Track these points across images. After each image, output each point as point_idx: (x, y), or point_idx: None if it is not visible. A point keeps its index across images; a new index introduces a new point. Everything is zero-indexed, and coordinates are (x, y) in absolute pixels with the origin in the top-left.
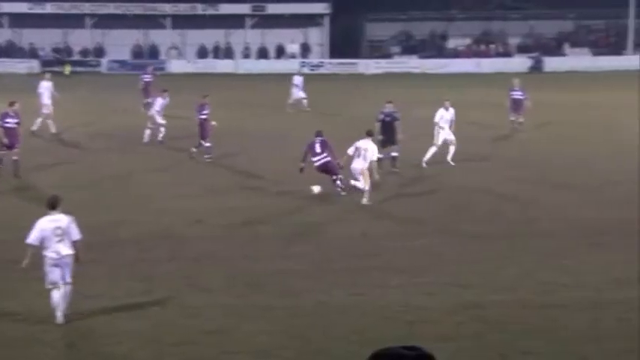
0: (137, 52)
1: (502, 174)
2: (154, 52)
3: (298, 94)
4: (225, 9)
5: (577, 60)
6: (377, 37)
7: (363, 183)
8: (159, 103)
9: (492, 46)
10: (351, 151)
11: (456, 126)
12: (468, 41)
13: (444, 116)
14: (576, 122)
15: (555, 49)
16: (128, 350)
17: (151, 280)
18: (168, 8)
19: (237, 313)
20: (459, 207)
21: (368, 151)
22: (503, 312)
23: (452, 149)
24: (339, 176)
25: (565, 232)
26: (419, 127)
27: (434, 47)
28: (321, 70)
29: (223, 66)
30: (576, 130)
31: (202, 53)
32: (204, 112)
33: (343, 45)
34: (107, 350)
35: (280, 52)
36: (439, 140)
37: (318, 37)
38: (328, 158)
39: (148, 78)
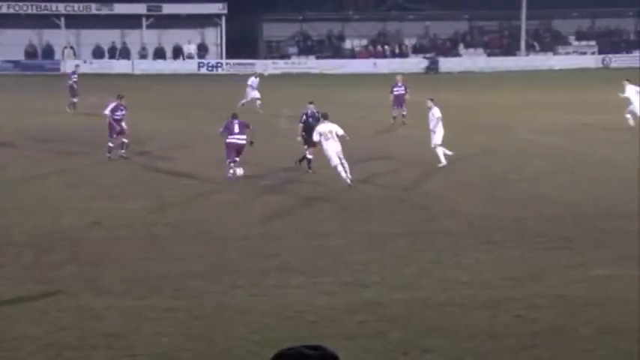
0: (31, 53)
1: (401, 174)
2: (48, 53)
3: (252, 94)
4: (121, 9)
5: (472, 61)
6: (274, 37)
7: (342, 169)
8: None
9: (388, 47)
10: (316, 137)
11: (349, 126)
12: (364, 42)
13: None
14: (471, 122)
15: (450, 50)
16: (27, 355)
17: (50, 283)
18: (62, 8)
19: (137, 316)
20: (357, 207)
21: (333, 131)
22: (404, 310)
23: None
24: (237, 162)
25: (463, 231)
26: None
27: (331, 48)
28: (219, 71)
29: (120, 66)
30: (470, 131)
31: (98, 53)
32: (119, 112)
33: (240, 45)
34: (5, 355)
35: (177, 53)
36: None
37: (215, 37)
38: (244, 141)
39: (75, 78)
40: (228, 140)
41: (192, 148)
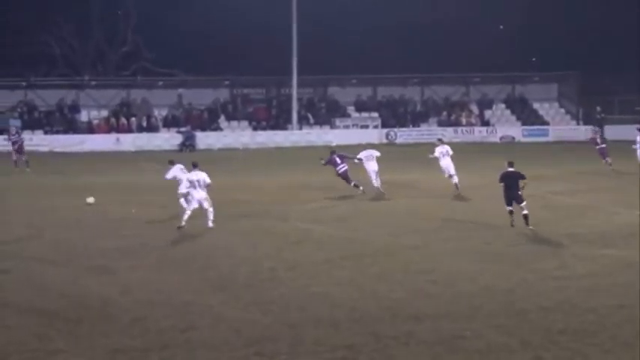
0: None
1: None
2: None
3: None
4: None
5: (235, 135)
6: None
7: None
8: None
9: (134, 119)
10: (184, 188)
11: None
12: (104, 113)
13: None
14: (234, 209)
15: (209, 123)
16: None
17: None
18: None
19: None
20: (97, 314)
21: (200, 180)
22: None
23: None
24: None
25: (226, 341)
26: None
27: (64, 121)
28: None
29: None
30: (232, 218)
31: None
32: None
33: None
34: None
35: None
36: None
37: None
38: None
39: None
40: None
41: None
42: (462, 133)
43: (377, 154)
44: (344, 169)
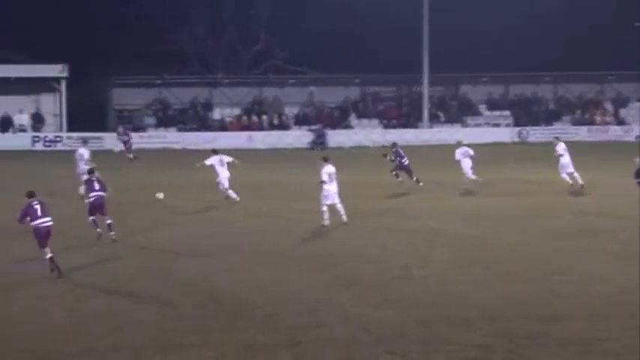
0: None
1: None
2: None
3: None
4: None
5: (365, 133)
6: (126, 105)
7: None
8: None
9: (265, 117)
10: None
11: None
12: (236, 111)
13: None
14: (366, 207)
15: (340, 121)
16: None
17: None
18: None
19: None
20: (229, 311)
21: (332, 174)
22: None
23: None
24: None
25: (356, 338)
26: None
27: (196, 118)
28: (59, 147)
29: None
30: (365, 216)
31: None
32: None
33: (85, 116)
34: None
35: (6, 125)
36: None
37: (53, 105)
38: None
39: None
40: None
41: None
42: (596, 132)
43: (471, 152)
44: (407, 162)
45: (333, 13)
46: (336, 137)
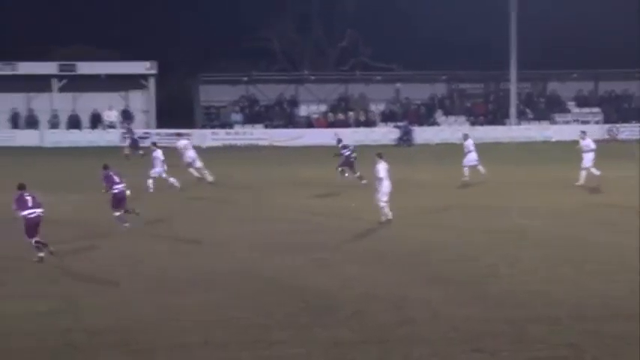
0: None
1: (354, 268)
2: None
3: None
4: (26, 68)
5: (452, 130)
6: (213, 102)
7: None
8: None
9: (352, 114)
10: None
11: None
12: (323, 108)
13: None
14: (453, 204)
15: (426, 118)
16: None
17: None
18: None
19: None
20: (317, 307)
21: (381, 170)
22: None
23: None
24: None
25: (444, 336)
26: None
27: (283, 115)
28: (147, 143)
29: (25, 138)
30: (452, 214)
31: None
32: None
33: (173, 112)
34: None
35: (96, 121)
36: None
37: (141, 102)
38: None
39: None
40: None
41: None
42: None
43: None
44: (353, 157)
45: (420, 9)
46: (423, 134)
